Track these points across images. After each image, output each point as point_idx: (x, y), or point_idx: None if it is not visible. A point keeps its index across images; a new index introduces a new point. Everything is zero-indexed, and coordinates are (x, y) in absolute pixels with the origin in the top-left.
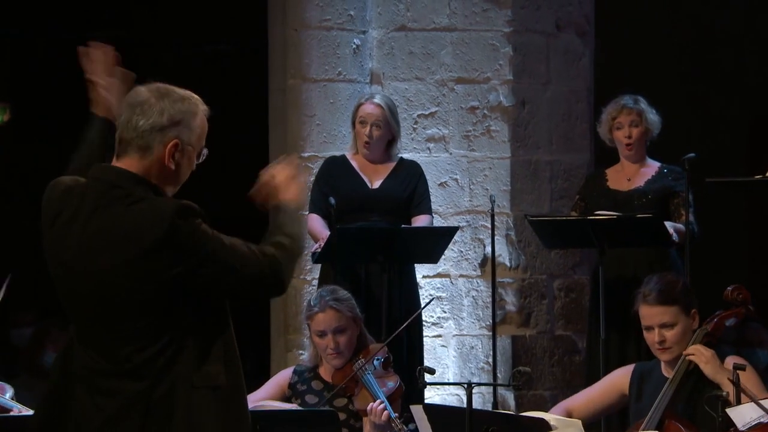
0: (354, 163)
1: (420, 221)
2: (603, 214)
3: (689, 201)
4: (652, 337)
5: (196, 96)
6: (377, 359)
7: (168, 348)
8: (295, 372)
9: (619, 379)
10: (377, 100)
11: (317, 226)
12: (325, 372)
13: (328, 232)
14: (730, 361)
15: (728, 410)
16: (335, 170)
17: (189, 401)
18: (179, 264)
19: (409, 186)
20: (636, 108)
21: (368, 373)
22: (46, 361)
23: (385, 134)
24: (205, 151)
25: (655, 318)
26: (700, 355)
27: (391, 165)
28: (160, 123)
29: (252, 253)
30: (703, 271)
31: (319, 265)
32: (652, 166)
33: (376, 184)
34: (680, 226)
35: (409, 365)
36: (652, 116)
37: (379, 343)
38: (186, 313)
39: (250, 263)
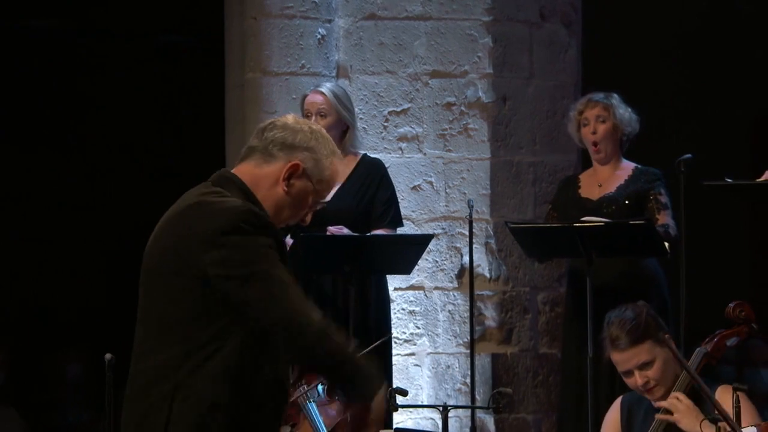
0: None
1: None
2: (591, 220)
3: (667, 203)
4: (633, 382)
5: (338, 150)
6: (321, 385)
7: (188, 358)
8: None
9: (611, 424)
10: (321, 88)
11: None
12: None
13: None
14: (722, 391)
15: None
16: None
17: (196, 419)
18: (223, 268)
19: (368, 194)
20: (603, 102)
21: (310, 401)
22: None
23: (335, 123)
24: (323, 204)
25: (630, 362)
26: (675, 409)
27: (350, 166)
28: (292, 141)
29: (305, 302)
30: (702, 285)
31: None
32: (626, 169)
33: (327, 196)
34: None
35: None
36: (623, 112)
37: None
38: (217, 323)
39: (301, 310)
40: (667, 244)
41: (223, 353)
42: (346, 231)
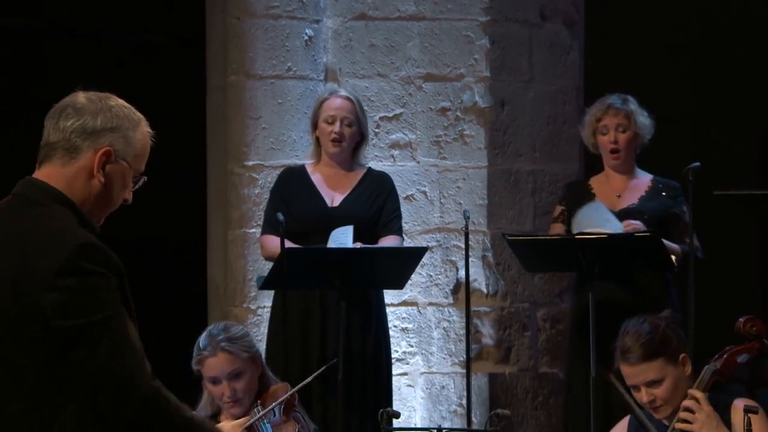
0: (314, 177)
1: (386, 242)
2: (593, 232)
3: (690, 222)
4: (640, 397)
5: (140, 114)
6: (277, 406)
7: (42, 407)
8: None
9: None
10: (344, 93)
11: (277, 244)
12: (227, 419)
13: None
14: (740, 404)
15: None
16: (292, 184)
17: None
18: (61, 316)
19: (376, 203)
20: (624, 109)
21: (265, 423)
22: None
23: (355, 134)
24: (143, 178)
25: (638, 377)
26: (694, 416)
27: (357, 177)
28: (93, 125)
29: (142, 360)
30: (710, 299)
31: (270, 293)
32: (643, 179)
33: (337, 201)
34: (675, 246)
35: (373, 407)
36: (643, 119)
37: (283, 383)
38: (63, 370)
39: (135, 367)
40: (674, 257)
41: (74, 404)
42: (358, 245)
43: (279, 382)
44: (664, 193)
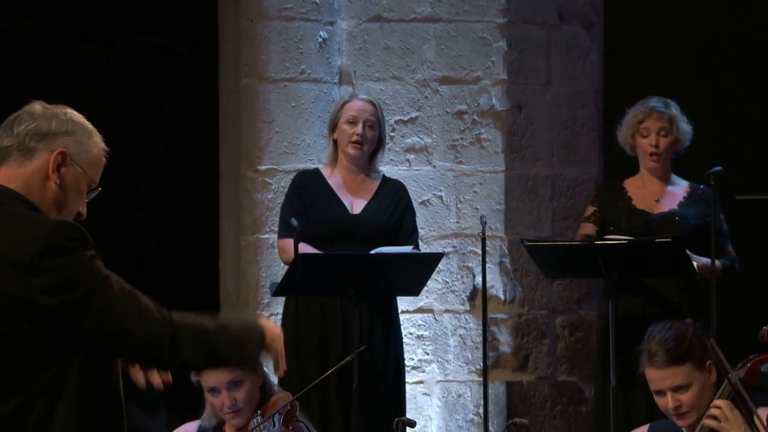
0: (331, 180)
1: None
2: (613, 238)
3: (727, 231)
4: (664, 403)
5: (93, 127)
6: (277, 415)
7: (37, 401)
8: (199, 430)
9: None
10: (363, 95)
11: (300, 246)
12: (231, 429)
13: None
14: (763, 413)
15: None
16: (310, 188)
17: None
18: (56, 294)
19: (396, 212)
20: (667, 113)
21: None
22: None
23: (375, 139)
24: (98, 190)
25: (665, 381)
26: (723, 417)
27: (374, 185)
28: (47, 128)
29: (146, 308)
30: (734, 306)
31: (282, 300)
32: (681, 186)
33: (357, 208)
34: (712, 261)
35: (386, 416)
36: (685, 125)
37: (285, 393)
38: (55, 357)
39: (143, 320)
40: (695, 264)
41: (69, 388)
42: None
43: (282, 392)
44: (702, 201)
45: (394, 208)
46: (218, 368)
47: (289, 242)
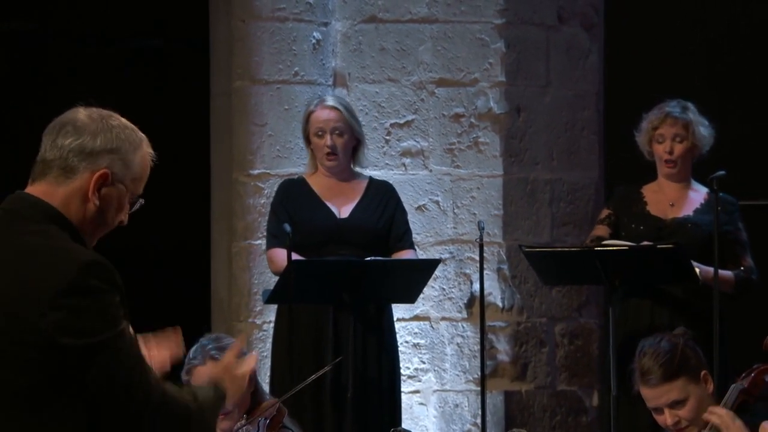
0: (315, 188)
1: (405, 257)
2: (613, 243)
3: (746, 240)
4: (663, 420)
5: (141, 132)
6: (262, 419)
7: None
8: None
9: None
10: (330, 102)
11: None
12: None
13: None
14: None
15: None
16: (295, 196)
17: None
18: (68, 335)
19: (385, 213)
20: (683, 119)
21: None
22: None
23: (350, 140)
24: (140, 201)
25: (661, 399)
26: (724, 427)
27: (361, 187)
28: (92, 146)
29: (146, 370)
30: (738, 314)
31: (274, 307)
32: (699, 191)
33: (345, 212)
34: (727, 274)
35: (381, 426)
36: (703, 129)
37: (274, 399)
38: (62, 396)
39: (143, 379)
40: (698, 271)
41: (75, 424)
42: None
43: (273, 399)
44: (719, 208)
45: (383, 210)
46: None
47: (277, 252)
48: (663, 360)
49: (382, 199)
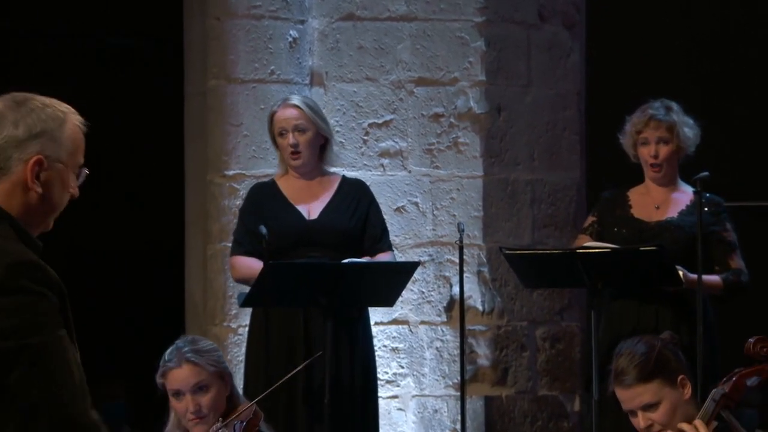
0: (284, 190)
1: (382, 260)
2: (595, 245)
3: (735, 241)
4: (637, 423)
5: (64, 104)
6: (238, 422)
7: None
8: None
9: None
10: (291, 101)
11: (251, 263)
12: None
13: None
14: None
15: None
16: (264, 200)
17: None
18: (6, 337)
19: (357, 212)
20: (666, 121)
21: None
22: None
23: (314, 138)
24: (85, 171)
25: (634, 401)
26: None
27: (332, 186)
28: (16, 136)
29: (80, 391)
30: (723, 319)
31: (249, 311)
32: (686, 193)
33: (315, 213)
34: (714, 278)
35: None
36: (687, 130)
37: (250, 403)
38: None
39: (75, 399)
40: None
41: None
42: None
43: (248, 403)
44: (705, 209)
45: (354, 209)
46: None
47: (239, 259)
48: (638, 361)
49: (354, 197)
